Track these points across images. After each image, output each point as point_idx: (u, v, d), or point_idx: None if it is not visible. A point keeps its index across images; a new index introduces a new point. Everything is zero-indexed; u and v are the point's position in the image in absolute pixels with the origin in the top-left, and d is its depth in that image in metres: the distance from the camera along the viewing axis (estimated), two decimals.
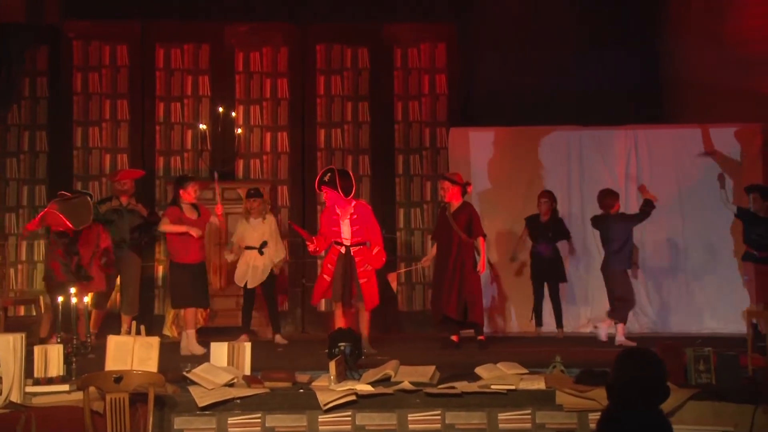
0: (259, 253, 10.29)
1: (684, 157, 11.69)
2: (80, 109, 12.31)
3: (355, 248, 9.31)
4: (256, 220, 10.35)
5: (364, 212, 9.46)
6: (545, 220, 10.82)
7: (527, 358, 7.78)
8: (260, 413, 6.69)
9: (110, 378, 6.01)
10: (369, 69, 12.63)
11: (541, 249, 10.81)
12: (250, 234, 10.34)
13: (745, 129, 11.60)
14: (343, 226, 9.32)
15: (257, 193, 10.47)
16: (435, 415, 6.74)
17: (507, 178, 11.84)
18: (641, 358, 3.91)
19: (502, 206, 11.72)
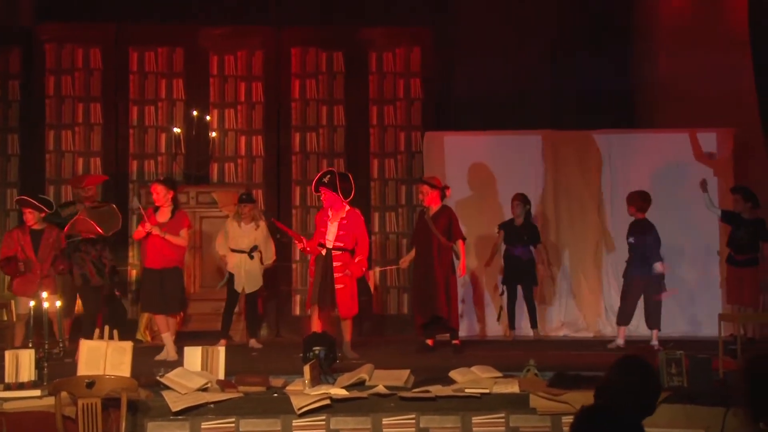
0: (249, 258, 10.24)
1: (657, 162, 11.74)
2: (53, 112, 12.24)
3: (335, 252, 9.25)
4: (247, 226, 10.29)
5: (356, 220, 9.44)
6: (519, 224, 10.84)
7: (501, 362, 7.79)
8: (234, 418, 6.66)
9: (82, 383, 5.97)
10: (344, 73, 12.63)
11: (517, 252, 10.82)
12: (240, 239, 10.28)
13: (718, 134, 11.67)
14: (330, 227, 9.28)
15: (249, 198, 10.44)
16: (409, 418, 6.74)
17: (482, 182, 11.86)
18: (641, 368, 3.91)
19: (478, 210, 11.74)
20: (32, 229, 9.59)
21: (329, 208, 9.33)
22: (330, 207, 9.32)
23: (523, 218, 10.84)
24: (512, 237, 10.87)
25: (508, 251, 10.90)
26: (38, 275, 9.47)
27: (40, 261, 9.49)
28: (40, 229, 9.60)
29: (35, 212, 9.56)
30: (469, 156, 11.90)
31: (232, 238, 10.35)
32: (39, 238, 9.53)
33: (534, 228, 10.97)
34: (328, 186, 9.22)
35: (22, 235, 9.55)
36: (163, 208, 9.42)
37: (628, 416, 3.82)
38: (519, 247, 10.79)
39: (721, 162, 11.60)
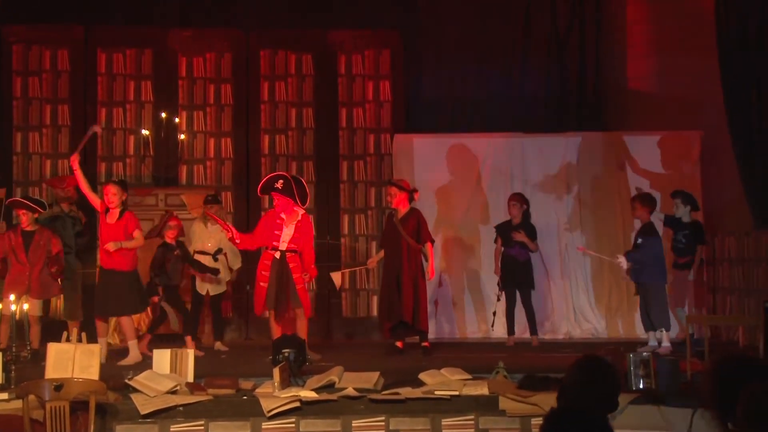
0: (213, 260, 10.18)
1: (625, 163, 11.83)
2: (20, 114, 12.15)
3: (289, 254, 9.13)
4: (214, 227, 10.20)
5: (307, 224, 9.39)
6: (516, 224, 10.70)
7: (471, 364, 7.83)
8: (203, 420, 6.64)
9: (50, 386, 5.93)
10: (313, 75, 12.63)
11: (513, 252, 10.66)
12: (206, 239, 10.23)
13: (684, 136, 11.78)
14: (285, 230, 9.12)
15: (215, 200, 10.38)
16: (379, 421, 6.75)
17: (450, 184, 11.89)
18: (600, 367, 3.95)
19: (446, 212, 11.78)
20: (24, 230, 9.51)
21: (282, 212, 9.18)
22: (283, 211, 9.18)
23: (520, 218, 10.72)
24: (509, 237, 10.73)
25: (505, 251, 10.77)
26: (27, 277, 9.39)
27: (30, 263, 9.41)
28: (32, 230, 9.53)
29: (29, 213, 9.49)
30: (439, 158, 11.92)
31: (198, 240, 10.29)
32: (30, 239, 9.45)
33: (532, 228, 10.79)
34: (284, 192, 9.04)
35: (14, 237, 9.47)
36: (113, 210, 9.22)
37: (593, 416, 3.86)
38: (515, 247, 10.70)
39: (688, 165, 11.70)
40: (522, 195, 10.87)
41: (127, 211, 9.37)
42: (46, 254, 9.48)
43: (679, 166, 11.73)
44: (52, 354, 6.75)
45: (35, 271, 9.42)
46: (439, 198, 11.84)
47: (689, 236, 10.15)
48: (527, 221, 10.76)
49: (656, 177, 11.66)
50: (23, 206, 9.59)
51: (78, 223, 10.21)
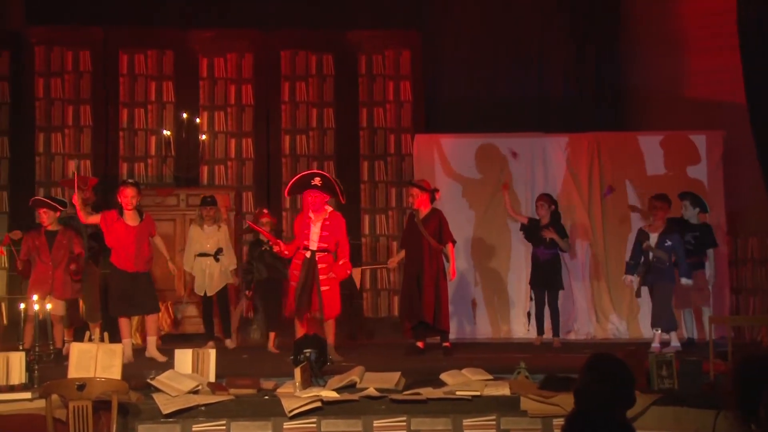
0: (215, 260, 10.22)
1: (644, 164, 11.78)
2: (43, 114, 12.23)
3: (319, 254, 9.13)
4: (210, 228, 10.27)
5: (338, 222, 9.30)
6: (545, 224, 10.61)
7: (492, 365, 7.80)
8: (225, 420, 6.66)
9: (73, 385, 5.96)
10: (334, 75, 12.65)
11: (539, 253, 10.63)
12: (205, 241, 10.27)
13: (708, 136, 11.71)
14: (313, 229, 9.13)
15: (212, 202, 10.39)
16: (400, 421, 6.75)
17: (472, 184, 11.86)
18: (610, 364, 3.94)
19: (468, 212, 11.75)
20: (47, 230, 9.56)
21: (311, 210, 9.19)
22: (313, 209, 9.18)
23: (549, 218, 10.63)
24: (536, 237, 10.67)
25: (532, 251, 10.75)
26: (50, 276, 9.43)
27: (53, 262, 9.45)
28: (55, 230, 9.57)
29: (50, 212, 9.54)
30: (460, 158, 11.90)
31: (197, 242, 10.32)
32: (53, 239, 9.50)
33: (561, 229, 10.71)
34: (324, 189, 9.10)
35: (37, 237, 9.52)
36: (131, 212, 9.25)
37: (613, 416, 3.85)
38: (542, 247, 10.68)
39: (710, 165, 11.63)
40: (550, 196, 10.81)
41: (146, 213, 9.44)
42: (69, 254, 9.52)
43: (683, 167, 11.65)
44: (75, 354, 6.78)
45: (58, 270, 9.46)
46: (460, 198, 11.80)
47: (698, 238, 10.12)
48: (557, 221, 10.72)
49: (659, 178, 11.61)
50: (45, 205, 9.63)
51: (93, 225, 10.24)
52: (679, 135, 11.76)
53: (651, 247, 9.75)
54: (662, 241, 9.81)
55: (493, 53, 12.97)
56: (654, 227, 9.93)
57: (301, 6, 12.67)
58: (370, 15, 12.73)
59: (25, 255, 9.48)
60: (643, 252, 9.79)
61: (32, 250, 9.47)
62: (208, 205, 10.30)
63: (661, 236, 9.81)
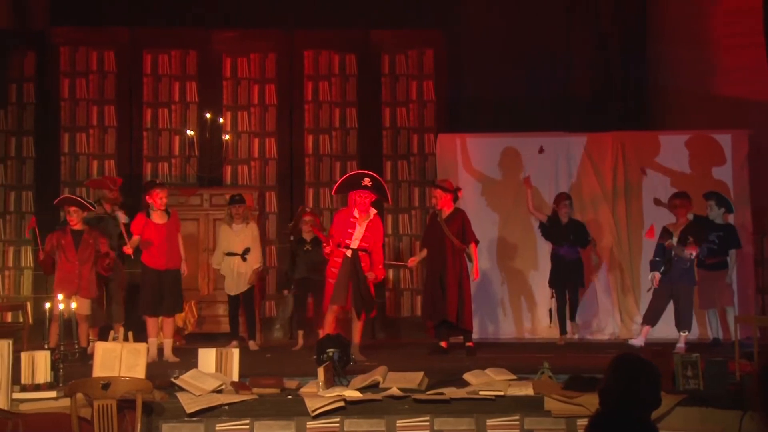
0: (242, 260, 10.26)
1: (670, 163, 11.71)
2: (67, 115, 12.30)
3: (361, 253, 9.17)
4: (238, 226, 10.32)
5: (379, 225, 9.41)
6: (565, 222, 10.65)
7: (516, 364, 7.77)
8: (248, 419, 6.67)
9: (98, 384, 5.99)
10: (357, 75, 12.65)
11: (562, 252, 10.63)
12: (233, 240, 10.31)
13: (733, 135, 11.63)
14: (358, 228, 9.16)
15: (241, 200, 10.43)
16: (423, 421, 6.74)
17: (495, 183, 11.84)
18: (636, 364, 3.91)
19: (491, 211, 11.73)
20: (73, 229, 9.62)
21: (358, 210, 9.21)
22: (360, 210, 9.21)
23: (568, 217, 10.65)
24: (557, 236, 10.66)
25: (553, 250, 10.75)
26: (77, 275, 9.49)
27: (80, 261, 9.51)
28: (80, 230, 9.63)
29: (79, 211, 9.60)
30: (483, 157, 11.88)
31: (225, 241, 10.38)
32: (79, 238, 9.55)
33: (581, 227, 10.74)
34: (373, 189, 9.18)
35: (63, 236, 9.57)
36: (160, 212, 9.38)
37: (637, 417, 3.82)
38: (564, 246, 10.65)
39: (735, 164, 11.55)
40: (568, 194, 10.81)
41: (172, 210, 9.55)
42: (95, 253, 9.58)
43: (708, 168, 11.58)
44: (99, 353, 6.81)
45: (84, 269, 9.52)
46: (483, 197, 11.78)
47: (722, 238, 10.08)
48: (575, 220, 10.69)
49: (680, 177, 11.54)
50: (75, 203, 9.69)
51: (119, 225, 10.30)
52: (704, 135, 11.69)
53: (674, 245, 9.71)
54: (683, 237, 9.80)
55: (516, 52, 12.92)
56: (676, 225, 9.91)
57: (324, 6, 12.68)
58: (393, 15, 12.71)
59: (49, 249, 9.52)
60: (666, 250, 9.76)
61: (57, 248, 9.51)
62: (236, 203, 10.36)
63: (682, 233, 9.80)
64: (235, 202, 10.36)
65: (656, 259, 9.94)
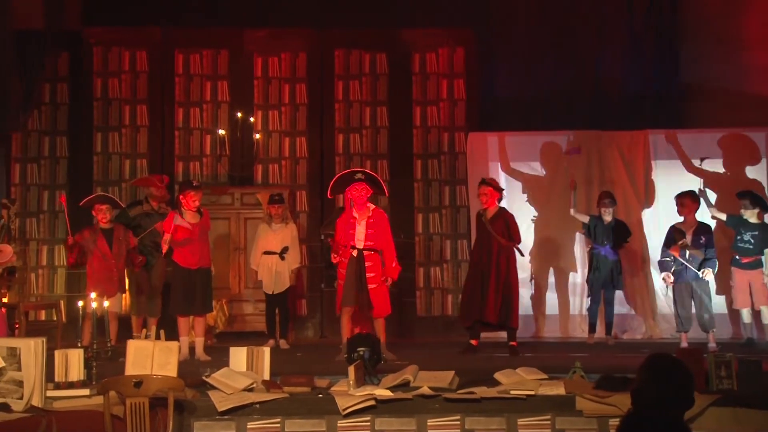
0: (281, 258, 10.30)
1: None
2: (100, 114, 12.39)
3: (366, 252, 9.03)
4: (277, 225, 10.38)
5: (382, 219, 9.19)
6: (608, 222, 10.58)
7: (547, 364, 7.74)
8: (279, 418, 6.67)
9: (130, 382, 6.01)
10: (387, 74, 12.65)
11: (603, 252, 10.55)
12: (272, 239, 10.35)
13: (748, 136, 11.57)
14: (358, 227, 9.05)
15: (280, 199, 10.48)
16: (454, 420, 6.71)
17: (528, 182, 11.82)
18: (669, 364, 3.88)
19: (523, 210, 11.69)
20: (102, 228, 9.69)
21: (355, 208, 9.08)
22: (357, 205, 9.07)
23: (611, 216, 10.60)
24: (599, 235, 10.60)
25: (594, 249, 10.67)
26: (115, 273, 9.57)
27: (116, 257, 9.59)
28: (110, 228, 9.71)
29: (110, 210, 9.67)
30: (514, 156, 11.85)
31: (263, 240, 10.41)
32: (110, 236, 9.64)
33: (622, 227, 10.68)
34: (368, 181, 9.07)
35: (94, 234, 9.64)
36: (192, 212, 9.39)
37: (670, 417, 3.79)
38: (606, 245, 10.56)
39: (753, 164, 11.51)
40: (611, 193, 10.73)
41: (204, 210, 9.57)
42: (127, 247, 9.67)
43: (742, 167, 11.48)
44: (132, 351, 6.85)
45: (119, 265, 9.63)
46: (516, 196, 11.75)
47: (758, 237, 10.01)
48: (618, 219, 10.62)
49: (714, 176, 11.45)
50: (108, 201, 9.76)
51: None
52: (738, 133, 11.59)
53: (687, 244, 9.69)
54: (696, 238, 9.77)
55: (548, 50, 12.86)
56: (686, 225, 9.89)
57: (354, 5, 12.67)
58: (423, 13, 12.69)
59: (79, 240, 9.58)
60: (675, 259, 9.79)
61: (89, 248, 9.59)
62: (275, 203, 10.41)
63: (695, 234, 9.77)
64: (275, 202, 10.42)
65: (665, 259, 9.94)
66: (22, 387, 6.33)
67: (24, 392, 6.33)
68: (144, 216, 10.14)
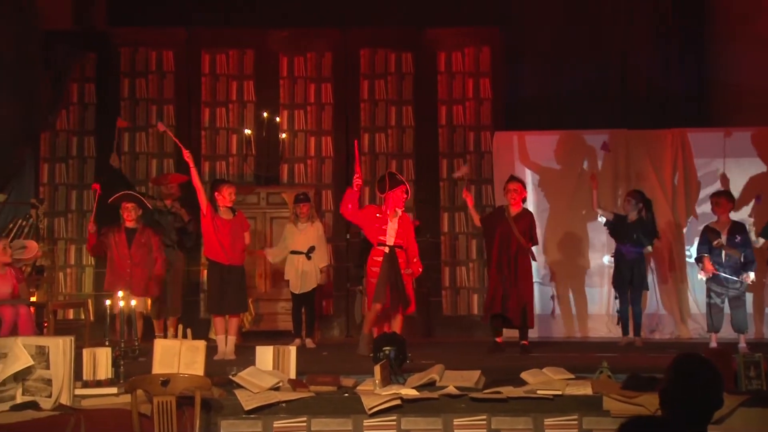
0: (307, 258, 10.32)
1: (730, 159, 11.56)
2: (127, 114, 12.44)
3: (398, 249, 9.26)
4: (304, 225, 10.40)
5: (408, 221, 9.55)
6: (632, 220, 10.47)
7: (573, 363, 7.71)
8: (305, 417, 6.68)
9: (157, 381, 6.04)
10: (413, 73, 12.64)
11: (624, 250, 10.48)
12: (298, 238, 10.38)
13: None
14: (390, 224, 9.26)
15: (306, 198, 10.51)
16: (480, 419, 6.70)
17: (552, 181, 11.77)
18: (697, 364, 3.85)
19: (547, 208, 11.66)
20: (127, 227, 9.74)
21: (396, 207, 9.31)
22: (389, 207, 9.31)
23: (636, 215, 10.50)
24: (622, 233, 10.50)
25: (617, 248, 10.60)
26: (128, 273, 9.61)
27: (131, 260, 9.63)
28: (134, 228, 9.76)
29: (137, 208, 9.72)
30: (540, 155, 11.81)
31: (290, 239, 10.45)
32: (133, 237, 9.68)
33: (649, 227, 10.52)
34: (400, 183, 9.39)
35: (117, 233, 9.70)
36: (226, 208, 9.47)
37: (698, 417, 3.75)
38: (628, 245, 10.52)
39: None
40: (640, 192, 10.62)
41: (238, 210, 9.62)
42: (148, 253, 9.69)
43: None
44: (159, 350, 6.88)
45: (137, 269, 9.64)
46: (542, 196, 11.71)
47: None
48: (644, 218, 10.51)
49: None
50: (135, 200, 9.81)
51: (179, 220, 10.44)
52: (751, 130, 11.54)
53: (723, 244, 9.61)
54: (732, 237, 9.68)
55: (574, 49, 12.83)
56: (720, 224, 9.81)
57: (380, 4, 12.69)
58: (449, 12, 12.68)
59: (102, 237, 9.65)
60: (711, 250, 9.68)
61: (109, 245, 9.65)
62: (301, 201, 10.44)
63: (730, 233, 9.69)
64: (300, 201, 10.44)
65: (702, 255, 9.88)
66: (51, 385, 6.37)
67: (52, 390, 6.37)
68: (156, 212, 10.21)
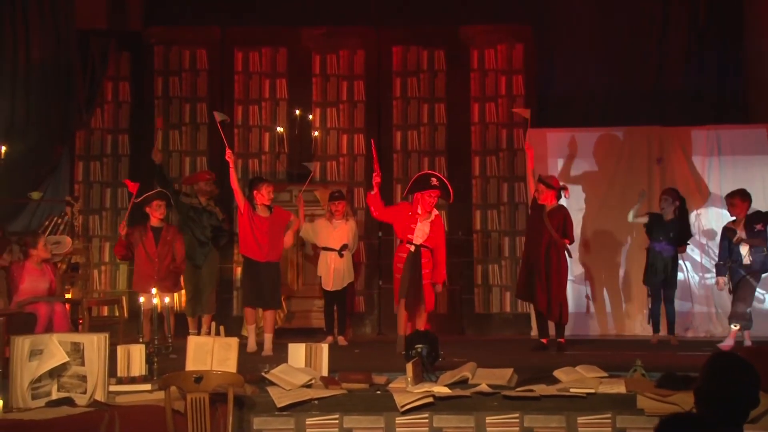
0: (339, 255, 10.35)
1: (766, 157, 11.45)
2: (161, 112, 12.50)
3: (423, 249, 9.42)
4: (338, 222, 10.44)
5: (441, 225, 9.69)
6: (668, 219, 10.41)
7: (606, 362, 7.67)
8: (338, 414, 6.70)
9: (191, 378, 6.07)
10: (445, 70, 12.61)
11: (658, 247, 10.40)
12: (331, 235, 10.41)
13: None
14: (420, 225, 9.41)
15: (340, 195, 10.54)
16: (513, 417, 6.68)
17: (585, 179, 11.70)
18: (733, 363, 3.81)
19: (581, 206, 11.59)
20: (153, 226, 9.82)
21: (422, 208, 9.44)
22: (429, 209, 9.46)
23: (672, 214, 10.43)
24: (657, 231, 10.45)
25: (651, 246, 10.53)
26: (155, 272, 9.69)
27: (159, 258, 9.71)
28: (160, 226, 9.83)
29: (165, 207, 9.82)
30: (573, 152, 11.75)
31: (322, 237, 10.48)
32: (159, 235, 9.77)
33: (683, 227, 10.48)
34: (441, 188, 9.46)
35: (144, 232, 9.77)
36: (263, 206, 9.59)
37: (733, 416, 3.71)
38: (663, 242, 10.43)
39: None
40: (675, 190, 10.56)
41: (275, 206, 9.76)
42: (171, 250, 9.78)
43: None
44: (192, 347, 6.91)
45: (162, 266, 9.72)
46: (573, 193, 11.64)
47: None
48: (680, 218, 10.43)
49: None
50: (166, 198, 9.88)
51: (214, 218, 10.47)
52: None
53: (743, 238, 9.54)
54: (750, 229, 9.60)
55: (608, 45, 12.73)
56: (737, 223, 9.73)
57: (412, 2, 12.67)
58: (482, 9, 12.64)
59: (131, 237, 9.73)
60: (731, 250, 9.59)
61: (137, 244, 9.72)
62: (336, 199, 10.48)
63: (747, 225, 9.61)
64: (335, 199, 10.49)
65: (720, 263, 9.82)
66: (86, 382, 6.43)
67: (87, 387, 6.42)
68: (192, 209, 10.28)
